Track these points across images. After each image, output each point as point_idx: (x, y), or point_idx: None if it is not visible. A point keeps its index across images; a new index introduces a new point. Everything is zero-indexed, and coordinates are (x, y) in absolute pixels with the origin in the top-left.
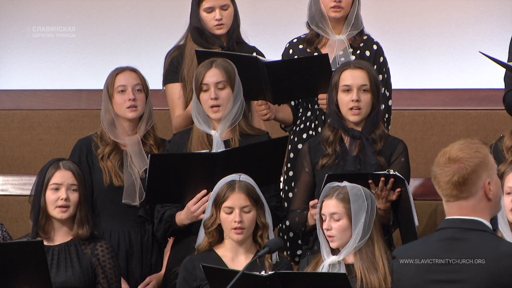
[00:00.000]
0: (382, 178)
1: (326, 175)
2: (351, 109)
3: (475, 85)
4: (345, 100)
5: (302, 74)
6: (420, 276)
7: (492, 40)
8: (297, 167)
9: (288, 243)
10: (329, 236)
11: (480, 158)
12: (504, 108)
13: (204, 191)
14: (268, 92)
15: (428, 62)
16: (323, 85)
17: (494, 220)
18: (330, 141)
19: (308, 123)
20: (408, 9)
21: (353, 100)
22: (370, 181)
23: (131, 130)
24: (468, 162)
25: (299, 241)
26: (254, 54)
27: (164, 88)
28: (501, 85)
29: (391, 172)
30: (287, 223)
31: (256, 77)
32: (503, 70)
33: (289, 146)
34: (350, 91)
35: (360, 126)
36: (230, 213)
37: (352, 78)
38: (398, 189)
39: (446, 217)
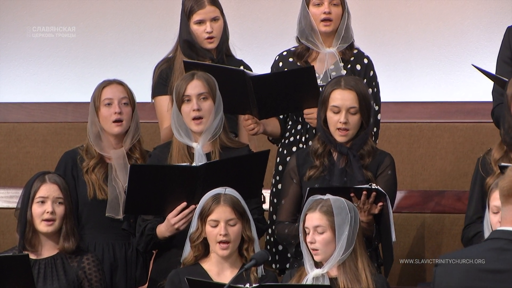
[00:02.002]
0: (364, 192)
1: (308, 188)
2: (338, 129)
3: (461, 98)
4: (333, 120)
5: (288, 87)
6: (465, 283)
7: (479, 53)
8: (284, 178)
9: (276, 256)
10: (313, 249)
11: None
12: (490, 121)
13: (184, 204)
14: (254, 107)
15: (415, 75)
16: (309, 99)
17: (481, 233)
18: (319, 153)
19: (298, 136)
20: (394, 22)
21: (341, 122)
22: (352, 194)
23: (117, 143)
24: None
25: (289, 254)
26: (241, 67)
27: (153, 100)
28: (487, 98)
29: (373, 186)
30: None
31: (243, 91)
32: (491, 83)
33: (278, 159)
34: (339, 112)
35: (349, 142)
36: (215, 226)
37: (342, 99)
38: (381, 203)
39: (497, 228)
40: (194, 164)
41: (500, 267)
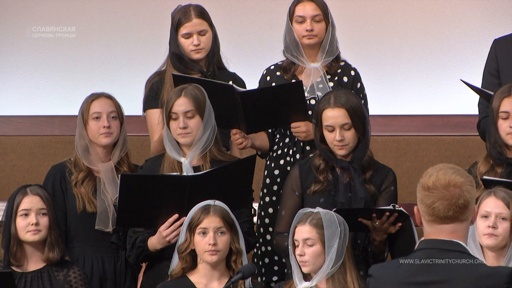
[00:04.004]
0: (387, 213)
1: (334, 209)
2: (336, 145)
3: (448, 111)
4: (329, 138)
5: (276, 102)
6: None
7: (466, 66)
8: (286, 189)
9: (263, 269)
10: (302, 261)
11: (473, 183)
12: (477, 134)
13: (176, 216)
14: (242, 121)
15: (401, 88)
16: (296, 113)
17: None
18: (321, 169)
19: (285, 149)
20: (381, 35)
21: (337, 140)
22: (373, 215)
23: (105, 156)
24: (469, 187)
25: (275, 267)
26: (231, 82)
27: (144, 114)
28: (474, 111)
29: (397, 207)
30: (263, 248)
31: (232, 106)
32: (477, 96)
33: (265, 171)
34: (333, 131)
35: (350, 156)
36: (205, 235)
37: (333, 117)
38: (399, 224)
39: (424, 238)
40: (185, 174)
41: (430, 279)
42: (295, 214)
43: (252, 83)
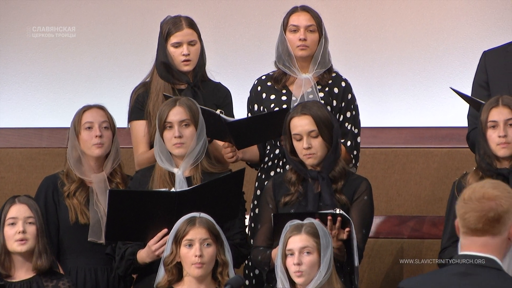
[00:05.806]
0: (329, 217)
1: (272, 214)
2: (305, 154)
3: (436, 123)
4: (298, 147)
5: (264, 126)
6: None
7: (454, 78)
8: (261, 203)
9: (253, 281)
10: (299, 272)
11: None
12: (465, 146)
13: (165, 230)
14: (232, 139)
15: (389, 100)
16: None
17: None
18: (293, 181)
19: (276, 161)
20: (369, 47)
21: (304, 148)
22: (317, 219)
23: (98, 167)
24: (504, 201)
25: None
26: (218, 111)
27: (129, 125)
28: (462, 123)
29: (338, 211)
30: None
31: (220, 127)
32: (465, 108)
33: (256, 183)
34: (301, 139)
35: (320, 165)
36: (191, 246)
37: (300, 126)
38: (347, 229)
39: (460, 252)
40: (173, 190)
41: None
42: (271, 227)
43: (239, 95)
